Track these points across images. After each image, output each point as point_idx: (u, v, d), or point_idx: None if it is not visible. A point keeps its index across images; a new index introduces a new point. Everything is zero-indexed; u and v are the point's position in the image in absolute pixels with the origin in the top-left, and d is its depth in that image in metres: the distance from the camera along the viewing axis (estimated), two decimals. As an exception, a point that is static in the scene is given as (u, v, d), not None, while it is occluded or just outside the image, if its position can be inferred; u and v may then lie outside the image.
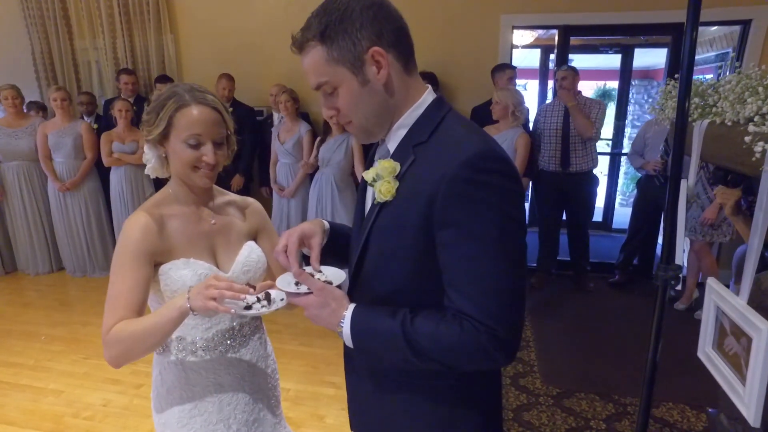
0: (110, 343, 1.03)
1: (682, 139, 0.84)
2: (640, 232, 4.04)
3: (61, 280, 4.47)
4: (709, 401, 2.50)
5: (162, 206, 1.17)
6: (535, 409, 2.54)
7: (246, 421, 1.26)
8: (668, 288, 0.85)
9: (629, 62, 5.70)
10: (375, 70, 0.83)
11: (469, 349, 0.79)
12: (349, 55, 0.82)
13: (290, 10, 4.40)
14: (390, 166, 0.86)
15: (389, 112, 0.87)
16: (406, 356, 0.82)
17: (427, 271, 0.84)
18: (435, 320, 0.81)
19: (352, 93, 0.84)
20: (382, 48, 0.82)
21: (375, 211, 0.88)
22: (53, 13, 4.77)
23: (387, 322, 0.83)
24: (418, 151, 0.85)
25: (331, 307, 0.87)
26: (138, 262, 1.07)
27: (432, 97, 0.90)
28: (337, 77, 0.84)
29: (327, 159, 3.79)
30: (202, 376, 1.20)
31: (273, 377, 1.37)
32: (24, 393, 2.73)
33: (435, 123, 0.86)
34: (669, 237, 0.88)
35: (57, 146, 4.15)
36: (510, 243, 0.78)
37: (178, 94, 1.10)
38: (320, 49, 0.83)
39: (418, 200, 0.81)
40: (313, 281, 0.88)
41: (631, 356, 3.02)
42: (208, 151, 1.10)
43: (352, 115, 0.87)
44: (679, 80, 0.83)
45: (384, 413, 0.97)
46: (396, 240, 0.85)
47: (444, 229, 0.79)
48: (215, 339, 1.20)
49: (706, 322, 0.92)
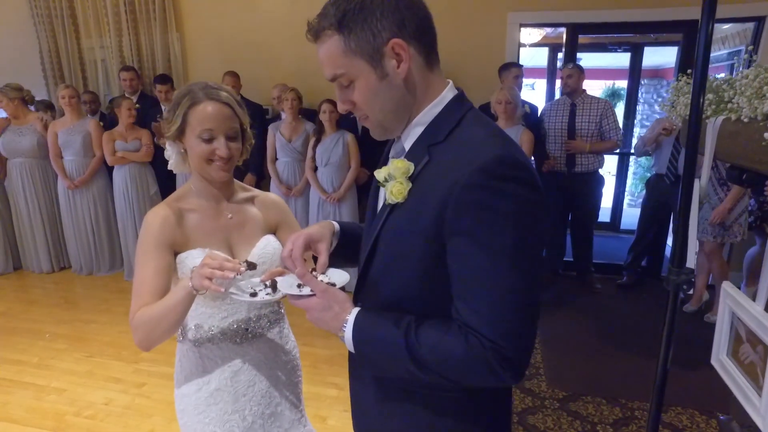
0: (135, 327, 1.10)
1: (696, 137, 0.80)
2: (649, 232, 3.98)
3: (67, 278, 4.48)
4: (719, 406, 2.45)
5: (182, 200, 1.22)
6: (541, 413, 2.50)
7: (262, 414, 1.27)
8: (680, 293, 0.82)
9: (638, 61, 5.62)
10: (395, 64, 0.78)
11: (474, 366, 0.74)
12: (368, 46, 0.77)
13: (296, 9, 4.38)
14: (403, 167, 0.81)
15: (407, 108, 0.83)
16: (408, 367, 0.78)
17: (436, 278, 0.79)
18: (440, 333, 0.77)
19: (370, 87, 0.80)
20: (404, 40, 0.77)
21: (385, 212, 0.84)
22: (60, 12, 4.80)
23: (390, 331, 0.79)
24: (434, 151, 0.80)
25: (333, 311, 0.83)
26: (159, 251, 1.14)
27: (452, 93, 0.85)
28: (354, 69, 0.79)
29: (325, 159, 3.77)
30: (218, 364, 1.23)
31: (294, 373, 1.38)
32: (27, 391, 2.72)
33: (453, 123, 0.81)
34: (681, 239, 0.84)
35: (66, 144, 4.16)
36: (525, 256, 0.73)
37: (193, 91, 1.15)
38: (337, 38, 0.78)
39: (430, 204, 0.77)
40: (316, 283, 0.85)
41: (639, 359, 2.97)
42: (221, 145, 1.15)
43: (369, 110, 0.83)
44: (693, 76, 0.79)
45: (385, 423, 0.94)
46: (405, 244, 0.81)
47: (455, 237, 0.75)
48: (231, 328, 1.23)
49: (720, 329, 0.88)
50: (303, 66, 4.44)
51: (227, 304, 1.22)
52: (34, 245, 4.50)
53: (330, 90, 4.23)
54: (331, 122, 3.74)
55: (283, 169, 4.02)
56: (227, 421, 1.23)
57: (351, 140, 3.80)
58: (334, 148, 3.75)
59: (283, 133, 3.96)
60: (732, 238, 3.27)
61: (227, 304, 1.22)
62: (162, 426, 2.41)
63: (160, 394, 2.65)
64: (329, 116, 3.71)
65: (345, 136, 3.78)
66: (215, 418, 1.23)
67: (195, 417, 1.23)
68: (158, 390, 2.70)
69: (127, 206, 4.23)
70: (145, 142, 4.15)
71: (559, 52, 5.43)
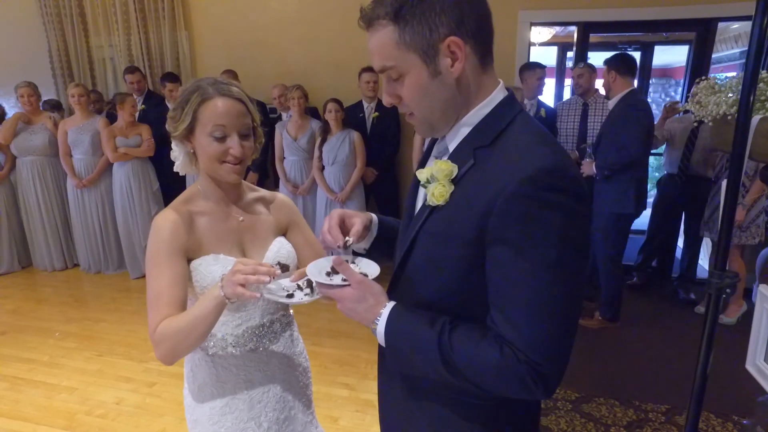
0: (158, 341, 1.03)
1: (744, 136, 0.78)
2: (660, 232, 3.94)
3: (75, 277, 4.49)
4: (735, 410, 2.42)
5: (190, 203, 1.17)
6: (554, 414, 2.48)
7: (277, 419, 1.26)
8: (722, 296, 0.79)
9: (649, 60, 5.57)
10: (449, 62, 0.74)
11: (506, 377, 0.73)
12: (423, 41, 0.73)
13: (304, 8, 4.36)
14: (447, 168, 0.78)
15: (456, 108, 0.79)
16: (438, 368, 0.77)
17: (472, 285, 0.77)
18: (475, 338, 0.75)
19: (420, 84, 0.76)
20: (461, 38, 0.73)
21: (425, 213, 0.82)
22: (69, 10, 4.81)
23: (424, 330, 0.78)
24: (479, 155, 0.77)
25: (368, 303, 0.81)
26: (172, 259, 1.08)
27: (503, 95, 0.81)
28: (405, 63, 0.76)
29: (332, 158, 3.76)
30: (233, 372, 1.20)
31: (304, 375, 1.36)
32: (38, 389, 2.73)
33: (502, 126, 0.78)
34: (724, 242, 0.82)
35: (76, 143, 4.17)
36: (568, 270, 0.70)
37: (202, 87, 1.09)
38: (392, 29, 0.74)
39: (473, 210, 0.74)
40: (352, 272, 0.82)
41: (652, 361, 2.94)
42: (234, 143, 1.09)
43: (416, 107, 0.80)
44: (744, 74, 0.77)
45: (411, 421, 0.92)
46: (444, 248, 0.79)
47: (496, 245, 0.72)
48: (245, 335, 1.20)
49: (757, 333, 0.85)
50: (310, 65, 4.43)
51: (242, 311, 1.19)
52: (45, 243, 4.52)
53: (334, 89, 4.22)
54: (337, 121, 3.74)
55: (290, 168, 4.02)
56: (243, 429, 1.21)
57: (357, 139, 3.79)
58: (341, 146, 3.74)
59: (289, 132, 3.95)
60: (750, 240, 3.23)
61: (242, 311, 1.19)
62: (173, 426, 2.40)
63: (171, 394, 2.65)
64: (335, 115, 3.71)
65: (351, 134, 3.77)
66: (231, 427, 1.20)
67: (210, 427, 1.20)
68: (168, 389, 2.70)
69: (129, 203, 4.23)
70: (146, 138, 4.15)
71: (568, 51, 5.40)
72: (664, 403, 2.53)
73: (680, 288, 3.85)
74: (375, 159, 3.93)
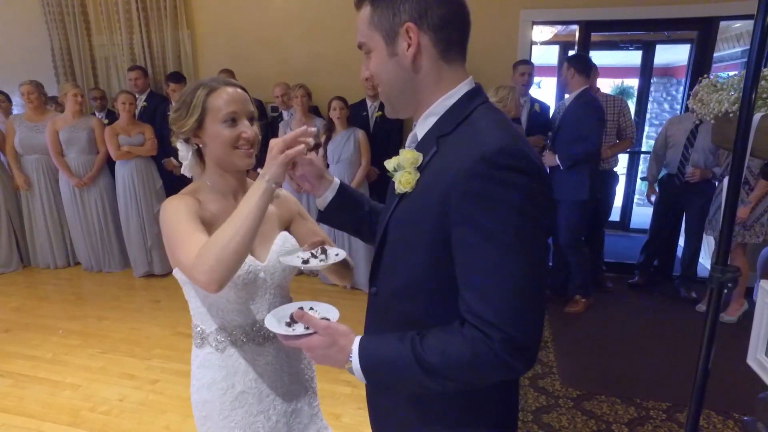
0: (200, 260, 0.95)
1: (746, 134, 0.79)
2: (662, 232, 3.95)
3: (77, 274, 4.51)
4: (735, 407, 2.43)
5: (197, 194, 1.18)
6: (555, 412, 2.49)
7: (285, 412, 1.27)
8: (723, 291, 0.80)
9: (650, 59, 5.58)
10: (405, 46, 0.82)
11: (485, 360, 0.74)
12: (387, 23, 0.82)
13: (307, 6, 4.37)
14: (412, 157, 0.84)
15: (413, 91, 0.85)
16: (420, 380, 0.79)
17: (445, 267, 0.80)
18: (444, 338, 0.78)
19: (381, 60, 0.85)
20: (419, 27, 0.80)
21: (395, 201, 0.87)
22: (72, 9, 4.82)
23: (396, 347, 0.80)
24: (442, 142, 0.82)
25: (340, 344, 0.84)
26: (195, 219, 1.07)
27: (468, 87, 0.86)
28: (372, 41, 0.85)
29: (337, 156, 3.77)
30: (242, 367, 1.21)
31: (309, 368, 1.38)
32: (42, 386, 2.74)
33: (463, 115, 0.82)
34: (726, 237, 0.82)
35: (70, 142, 4.15)
36: (528, 245, 0.74)
37: (204, 83, 1.14)
38: (369, 10, 0.84)
39: (435, 194, 0.78)
40: (316, 321, 0.85)
41: (652, 359, 2.95)
42: (246, 127, 1.14)
43: (379, 82, 0.88)
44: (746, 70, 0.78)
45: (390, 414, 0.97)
46: (413, 233, 0.83)
47: (459, 226, 0.76)
48: (254, 329, 1.21)
49: (758, 328, 0.86)
50: (312, 63, 4.43)
51: (251, 304, 1.20)
52: (48, 241, 4.53)
53: (338, 88, 4.21)
54: (342, 119, 3.75)
55: (294, 166, 4.02)
56: (253, 423, 1.22)
57: (362, 137, 3.80)
58: (345, 144, 3.75)
59: (293, 130, 3.95)
60: (753, 239, 3.23)
61: (251, 304, 1.20)
62: (176, 422, 2.41)
63: (174, 391, 2.66)
64: (339, 113, 3.72)
65: (356, 132, 3.78)
66: (240, 421, 1.21)
67: (220, 422, 1.22)
68: (171, 386, 2.71)
69: (132, 202, 4.23)
70: (148, 136, 4.16)
71: (570, 49, 5.40)
72: (665, 401, 2.54)
73: (681, 287, 3.86)
74: (377, 158, 3.94)
